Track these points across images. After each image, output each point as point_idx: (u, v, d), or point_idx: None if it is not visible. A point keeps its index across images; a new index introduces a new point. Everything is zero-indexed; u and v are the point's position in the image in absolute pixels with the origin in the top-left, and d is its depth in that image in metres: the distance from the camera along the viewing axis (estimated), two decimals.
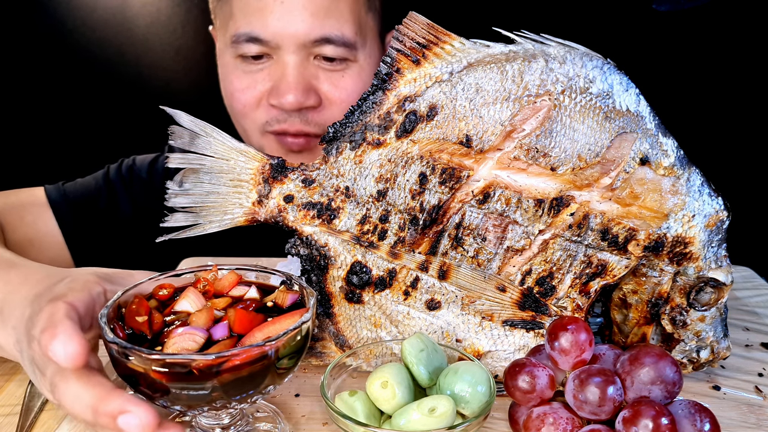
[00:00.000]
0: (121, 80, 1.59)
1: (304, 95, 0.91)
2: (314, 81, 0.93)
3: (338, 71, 0.94)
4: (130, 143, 1.52)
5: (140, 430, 0.44)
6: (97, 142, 1.59)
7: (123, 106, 1.59)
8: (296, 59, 0.91)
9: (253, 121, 0.97)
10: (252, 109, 0.96)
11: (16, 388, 0.65)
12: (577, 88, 0.59)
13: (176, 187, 0.62)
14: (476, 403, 0.53)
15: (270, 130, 0.96)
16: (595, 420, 0.51)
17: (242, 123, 1.00)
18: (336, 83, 0.94)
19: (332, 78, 0.94)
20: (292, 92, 0.91)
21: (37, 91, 1.58)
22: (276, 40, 0.90)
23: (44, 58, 1.55)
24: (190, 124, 0.62)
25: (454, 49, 0.61)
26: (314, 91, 0.93)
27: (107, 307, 0.52)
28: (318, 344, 0.66)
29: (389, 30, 1.06)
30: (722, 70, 1.50)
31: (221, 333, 0.51)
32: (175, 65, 1.59)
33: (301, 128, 0.95)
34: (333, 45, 0.91)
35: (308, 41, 0.90)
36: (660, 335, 0.65)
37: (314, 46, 0.91)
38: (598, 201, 0.61)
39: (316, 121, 0.95)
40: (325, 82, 0.93)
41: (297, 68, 0.91)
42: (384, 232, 0.63)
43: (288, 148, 0.98)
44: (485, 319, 0.64)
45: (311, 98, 0.92)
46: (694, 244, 0.61)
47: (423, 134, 0.61)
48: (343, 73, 0.94)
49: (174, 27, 1.57)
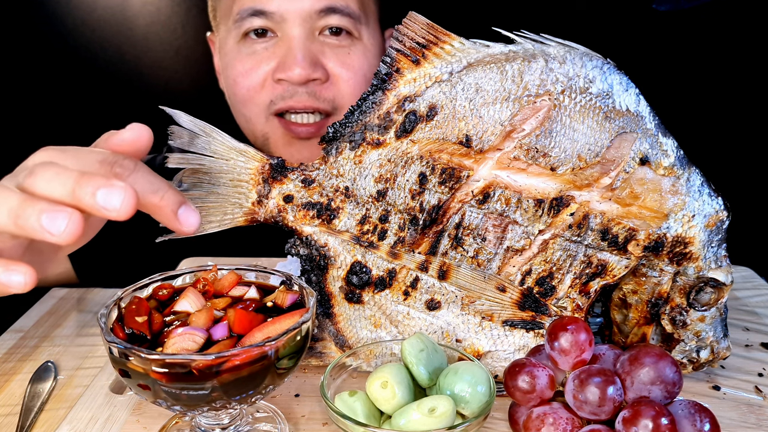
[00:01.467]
0: (121, 80, 1.59)
1: (311, 67, 0.90)
2: (320, 56, 0.92)
3: (344, 47, 0.94)
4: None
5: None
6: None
7: (123, 106, 1.59)
8: (302, 32, 0.91)
9: (257, 104, 0.96)
10: (256, 91, 0.95)
11: (16, 388, 0.65)
12: (577, 88, 0.59)
13: (175, 187, 0.62)
14: (476, 403, 0.53)
15: (275, 110, 0.95)
16: (595, 420, 0.51)
17: (244, 111, 0.98)
18: (343, 60, 0.93)
19: (338, 54, 0.93)
20: (299, 65, 0.90)
21: (36, 91, 1.58)
22: (281, 12, 0.90)
23: (44, 57, 1.55)
24: (189, 124, 0.62)
25: (454, 49, 0.60)
26: (321, 65, 0.92)
27: (107, 307, 0.52)
28: (318, 344, 0.66)
29: (387, 27, 1.06)
30: (722, 70, 1.49)
31: (221, 333, 0.51)
32: (175, 65, 1.59)
33: (309, 103, 0.93)
34: (339, 15, 0.91)
35: (313, 12, 0.90)
36: (660, 335, 0.65)
37: (319, 18, 0.90)
38: (598, 201, 0.61)
39: (324, 96, 0.94)
40: (331, 58, 0.93)
41: (303, 41, 0.91)
42: (384, 232, 0.63)
43: (296, 135, 0.96)
44: (485, 319, 0.64)
45: (318, 71, 0.91)
46: (694, 244, 0.61)
47: (423, 134, 0.61)
48: (349, 50, 0.94)
49: (174, 27, 1.57)
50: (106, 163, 0.46)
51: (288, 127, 0.96)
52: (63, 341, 0.74)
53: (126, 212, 0.42)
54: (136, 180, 0.46)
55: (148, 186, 0.46)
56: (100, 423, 0.60)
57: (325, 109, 0.95)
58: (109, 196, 0.42)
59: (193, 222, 0.47)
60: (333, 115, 0.96)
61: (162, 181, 0.47)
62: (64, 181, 0.43)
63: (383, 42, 1.03)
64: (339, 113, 0.96)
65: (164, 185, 0.47)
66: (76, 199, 0.42)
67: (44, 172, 0.44)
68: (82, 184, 0.42)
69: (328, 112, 0.95)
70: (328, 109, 0.95)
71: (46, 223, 0.41)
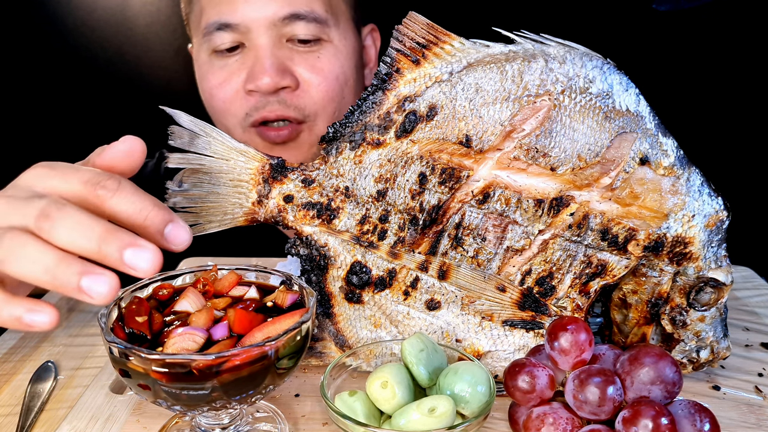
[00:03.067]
0: (121, 80, 1.59)
1: (279, 75, 0.89)
2: (289, 63, 0.92)
3: (313, 52, 0.92)
4: None
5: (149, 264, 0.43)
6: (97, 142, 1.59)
7: (123, 106, 1.59)
8: (268, 41, 0.90)
9: (234, 116, 0.96)
10: (231, 103, 0.95)
11: (16, 388, 0.65)
12: (577, 88, 0.59)
13: (176, 187, 0.62)
14: (476, 403, 0.53)
15: (251, 122, 0.94)
16: (595, 420, 0.51)
17: (224, 122, 0.98)
18: (312, 65, 0.92)
19: (308, 59, 0.92)
20: (267, 73, 0.89)
21: (36, 91, 1.58)
22: (246, 23, 0.89)
23: (44, 57, 1.55)
24: (189, 124, 0.62)
25: (454, 49, 0.61)
26: (289, 72, 0.91)
27: (107, 308, 0.52)
28: (318, 344, 0.66)
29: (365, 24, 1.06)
30: (722, 70, 1.49)
31: (221, 333, 0.51)
32: (175, 65, 1.59)
33: (281, 113, 0.93)
34: (304, 21, 0.90)
35: (277, 19, 0.89)
36: (660, 335, 0.65)
37: (285, 25, 0.90)
38: (597, 201, 0.61)
39: (295, 105, 0.93)
40: (300, 64, 0.92)
41: (270, 49, 0.90)
42: (384, 232, 0.63)
43: (271, 141, 0.96)
44: (485, 319, 0.64)
45: (286, 78, 0.90)
46: (694, 244, 0.61)
47: (423, 134, 0.61)
48: (319, 54, 0.93)
49: (174, 27, 1.57)
50: (90, 184, 0.46)
51: (263, 134, 0.96)
52: (63, 341, 0.74)
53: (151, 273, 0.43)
54: (119, 201, 0.46)
55: (131, 207, 0.46)
56: (100, 423, 0.60)
57: (297, 119, 0.94)
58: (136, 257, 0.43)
59: (182, 240, 0.47)
60: (304, 122, 0.96)
61: (146, 199, 0.47)
62: (89, 235, 0.43)
63: (358, 40, 1.01)
64: (310, 121, 0.95)
65: (148, 204, 0.46)
66: (102, 255, 0.43)
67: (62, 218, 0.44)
68: (108, 241, 0.43)
69: (299, 121, 0.95)
70: (299, 118, 0.94)
71: (86, 286, 0.43)
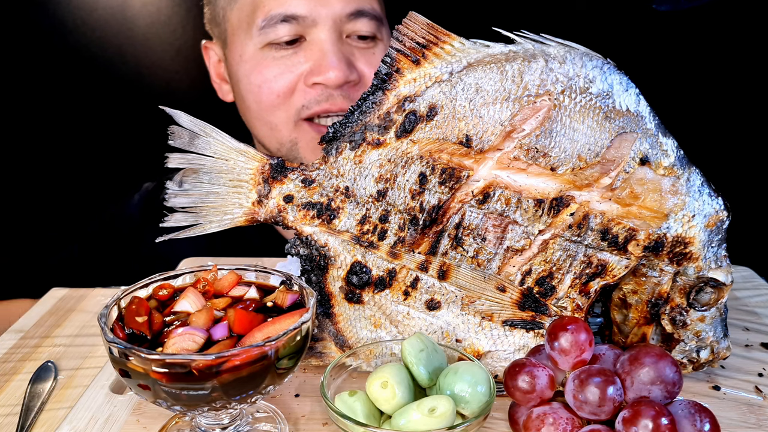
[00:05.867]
0: (121, 80, 1.59)
1: (347, 70, 0.92)
2: (352, 58, 0.94)
3: (370, 48, 0.96)
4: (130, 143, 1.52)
5: None
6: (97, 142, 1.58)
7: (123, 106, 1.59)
8: (332, 36, 0.92)
9: (286, 110, 0.95)
10: (286, 96, 0.95)
11: (16, 388, 0.65)
12: (577, 88, 0.59)
13: (176, 187, 0.62)
14: (476, 403, 0.53)
15: (307, 115, 0.95)
16: (595, 420, 0.51)
17: (270, 118, 0.97)
18: (370, 60, 0.95)
19: (366, 55, 0.95)
20: (335, 68, 0.91)
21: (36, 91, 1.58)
22: (313, 16, 0.91)
23: (44, 57, 1.55)
24: (189, 124, 0.62)
25: (454, 49, 0.60)
26: (354, 67, 0.94)
27: (107, 308, 0.52)
28: (318, 344, 0.66)
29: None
30: (722, 70, 1.49)
31: (221, 333, 0.51)
32: (175, 65, 1.59)
33: (345, 105, 0.94)
34: (366, 18, 0.93)
35: (344, 15, 0.91)
36: (660, 335, 0.65)
37: (348, 21, 0.92)
38: (598, 201, 0.61)
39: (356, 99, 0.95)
40: (360, 59, 0.95)
41: (336, 44, 0.92)
42: (384, 232, 0.63)
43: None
44: (485, 319, 0.64)
45: (354, 73, 0.93)
46: (694, 244, 0.61)
47: (423, 134, 0.61)
48: (374, 51, 0.96)
49: (174, 27, 1.57)
50: None
51: (319, 130, 0.95)
52: (63, 341, 0.74)
53: None
54: None
55: None
56: (100, 423, 0.60)
57: None
58: None
59: None
60: None
61: None
62: None
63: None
64: None
65: None
66: None
67: None
68: None
69: None
70: None
71: None
